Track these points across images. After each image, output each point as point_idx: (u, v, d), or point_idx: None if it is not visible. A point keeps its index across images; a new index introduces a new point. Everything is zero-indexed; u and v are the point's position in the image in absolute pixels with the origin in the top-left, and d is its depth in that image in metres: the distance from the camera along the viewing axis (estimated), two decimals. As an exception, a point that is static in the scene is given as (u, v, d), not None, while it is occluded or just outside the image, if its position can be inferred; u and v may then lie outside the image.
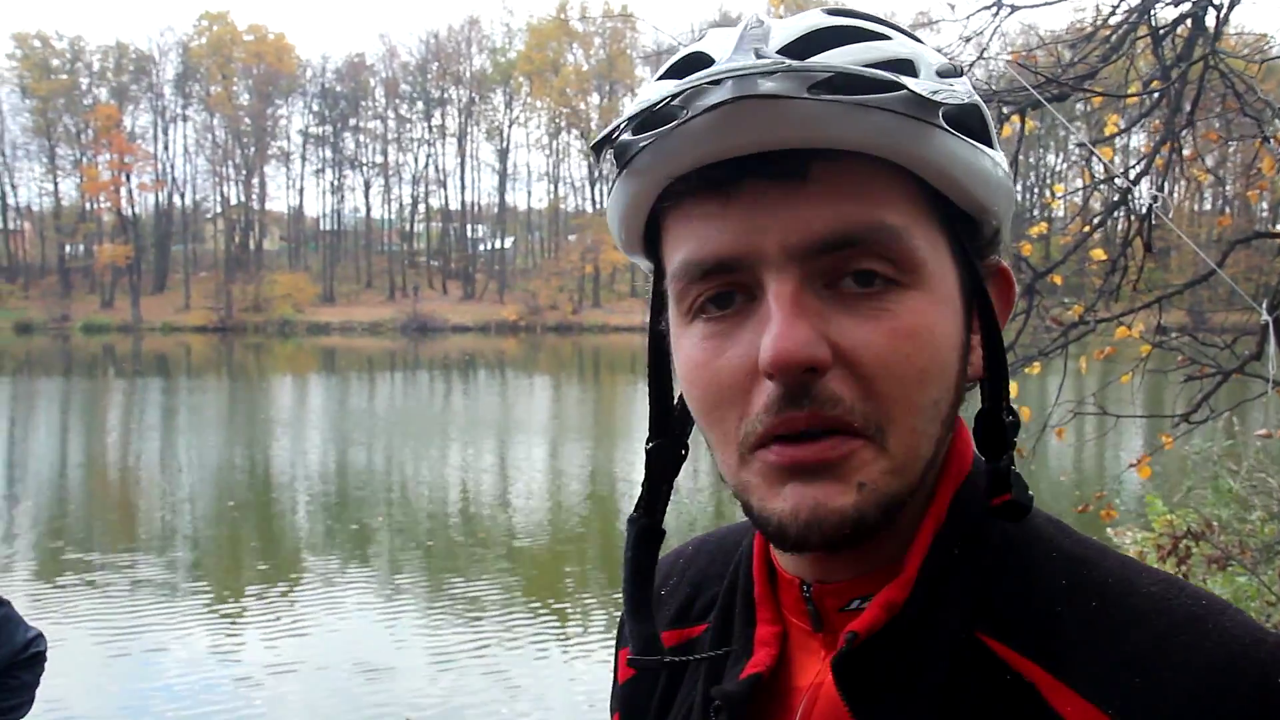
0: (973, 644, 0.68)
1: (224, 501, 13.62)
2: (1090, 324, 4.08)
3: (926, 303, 0.67)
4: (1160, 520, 6.42)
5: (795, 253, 0.65)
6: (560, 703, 6.61)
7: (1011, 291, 0.77)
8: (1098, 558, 0.71)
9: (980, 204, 0.70)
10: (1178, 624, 0.65)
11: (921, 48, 0.69)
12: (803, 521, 0.65)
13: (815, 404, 0.64)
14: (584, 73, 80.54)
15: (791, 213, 0.64)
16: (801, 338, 0.63)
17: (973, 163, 0.68)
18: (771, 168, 0.64)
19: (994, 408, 0.72)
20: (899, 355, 0.65)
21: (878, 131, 0.63)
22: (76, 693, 6.61)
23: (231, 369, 40.82)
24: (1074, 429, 4.88)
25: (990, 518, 0.72)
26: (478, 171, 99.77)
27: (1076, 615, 0.67)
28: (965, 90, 0.68)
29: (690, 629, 0.87)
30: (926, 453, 0.68)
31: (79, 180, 77.35)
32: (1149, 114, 4.05)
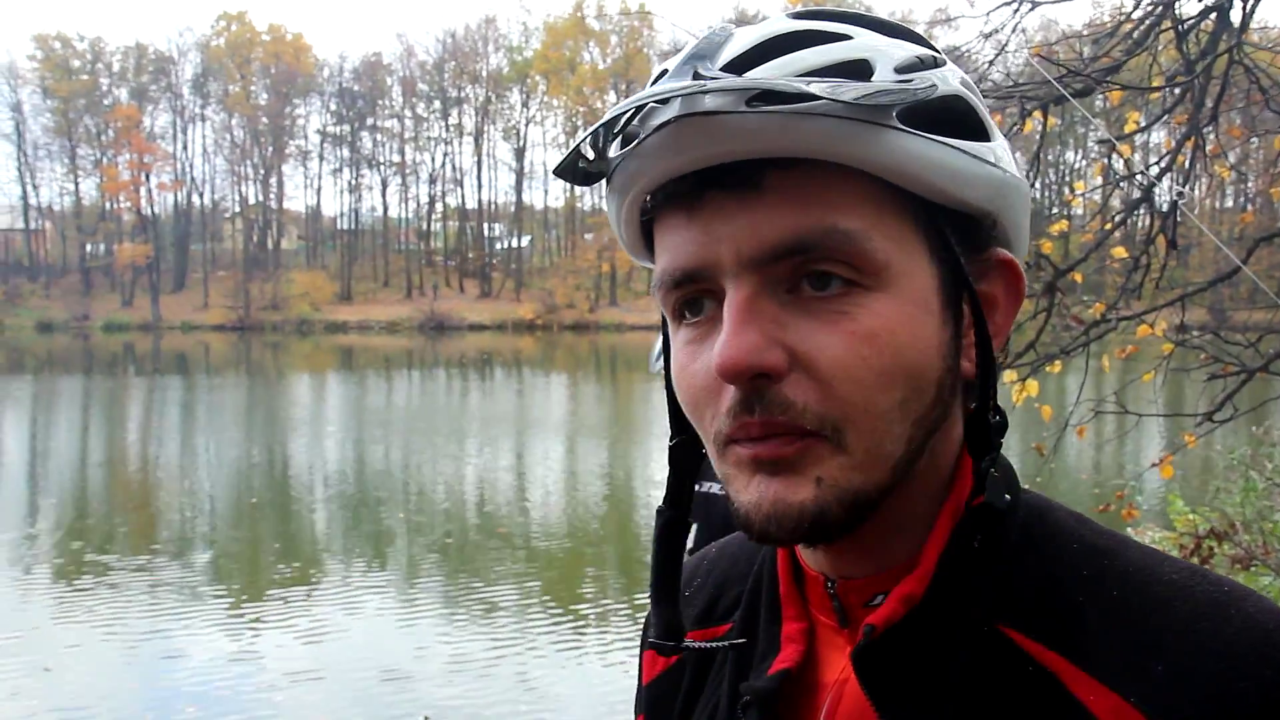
0: (994, 635, 0.69)
1: (243, 501, 13.68)
2: (1112, 322, 4.04)
3: (889, 305, 0.67)
4: (1182, 519, 6.38)
5: (749, 261, 0.66)
6: (580, 705, 6.60)
7: (1019, 284, 0.75)
8: (1119, 548, 0.71)
9: (955, 199, 0.69)
10: (1200, 610, 0.66)
11: (886, 44, 0.69)
12: (764, 514, 0.67)
13: (767, 409, 0.66)
14: (601, 71, 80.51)
15: (746, 222, 0.66)
16: (747, 345, 0.65)
17: (936, 159, 0.67)
18: (730, 179, 0.66)
19: (981, 408, 0.72)
20: (856, 358, 0.66)
21: (818, 138, 0.64)
22: (96, 693, 6.65)
23: (250, 367, 41.00)
24: (1094, 428, 4.83)
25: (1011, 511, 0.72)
26: (494, 170, 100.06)
27: (1098, 604, 0.68)
28: (932, 83, 0.68)
29: (714, 629, 0.88)
30: (894, 451, 0.68)
31: (99, 180, 77.91)
32: (1172, 109, 4.00)
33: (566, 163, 0.72)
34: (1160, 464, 4.72)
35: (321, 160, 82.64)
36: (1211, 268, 24.00)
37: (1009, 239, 0.75)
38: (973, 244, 0.72)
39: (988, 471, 0.71)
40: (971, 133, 0.70)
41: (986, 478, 0.71)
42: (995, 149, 0.72)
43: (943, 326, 0.70)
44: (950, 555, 0.71)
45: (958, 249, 0.71)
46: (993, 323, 0.74)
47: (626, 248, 0.78)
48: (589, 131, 0.70)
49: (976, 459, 0.72)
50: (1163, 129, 4.52)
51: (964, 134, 0.70)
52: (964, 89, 0.71)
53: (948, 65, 0.72)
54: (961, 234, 0.71)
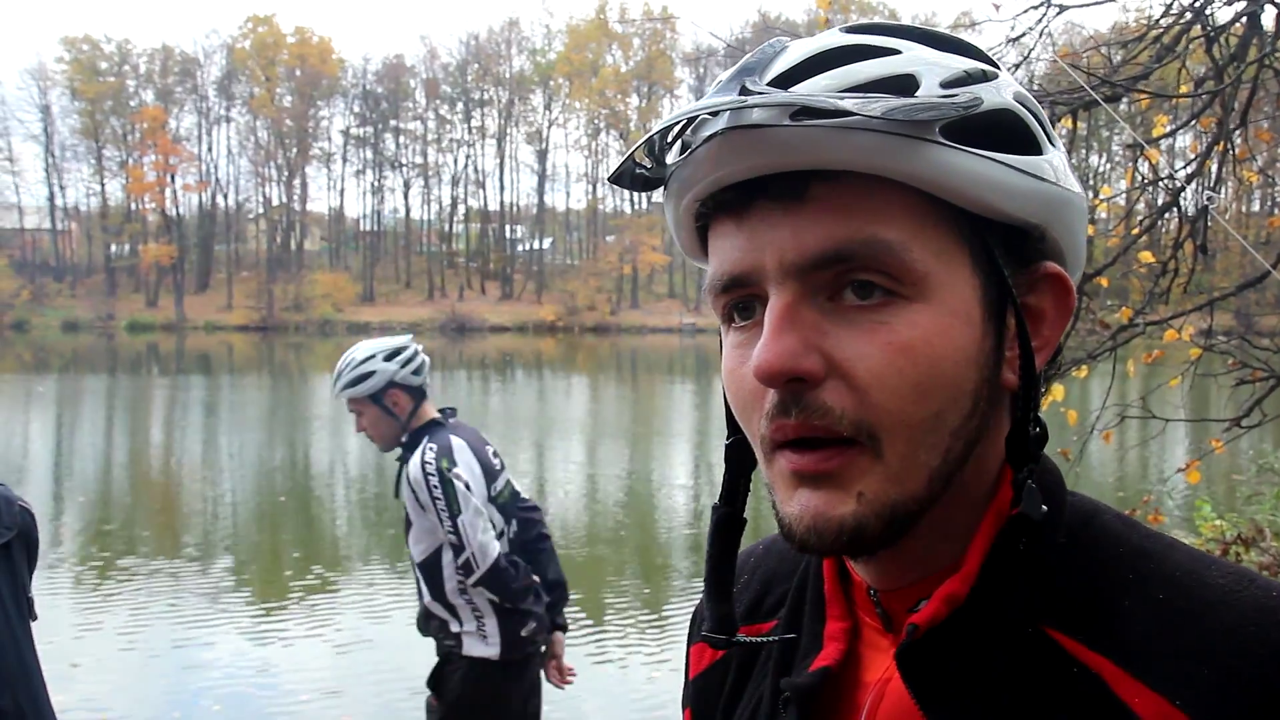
0: (1039, 637, 0.70)
1: (268, 502, 13.77)
2: (1139, 327, 4.04)
3: (929, 316, 0.68)
4: (1208, 526, 6.34)
5: (792, 269, 0.68)
6: (601, 708, 6.62)
7: (1069, 298, 0.75)
8: (1166, 551, 0.72)
9: (1000, 212, 0.70)
10: (1247, 615, 0.65)
11: (934, 58, 0.71)
12: (805, 527, 0.69)
13: (804, 413, 0.68)
14: (623, 74, 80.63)
15: (789, 231, 0.68)
16: (784, 349, 0.67)
17: (978, 173, 0.68)
18: (776, 189, 0.68)
19: (1021, 420, 0.73)
20: (892, 369, 0.67)
21: (861, 151, 0.66)
22: (123, 690, 6.71)
23: (273, 368, 41.24)
24: (1120, 433, 4.83)
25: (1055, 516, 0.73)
26: (517, 172, 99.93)
27: (1144, 608, 0.68)
28: (978, 97, 0.69)
29: (760, 624, 0.90)
30: (930, 462, 0.69)
31: (125, 181, 78.55)
32: (1200, 114, 3.99)
33: (622, 169, 0.74)
34: (1186, 469, 4.71)
35: (345, 162, 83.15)
36: (1238, 272, 23.81)
37: (1060, 252, 0.75)
38: (1020, 257, 0.73)
39: (1024, 483, 0.71)
40: (1021, 146, 0.71)
41: (1024, 489, 0.71)
42: (1050, 161, 0.72)
43: (984, 338, 0.71)
44: (994, 559, 0.72)
45: (1003, 261, 0.71)
46: (1039, 336, 0.74)
47: (683, 249, 0.80)
48: (643, 139, 0.72)
49: (1015, 470, 0.73)
50: (1189, 133, 4.51)
51: (1012, 147, 0.70)
52: (1016, 102, 0.71)
53: (1000, 78, 0.72)
54: (1008, 247, 0.72)
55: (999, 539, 0.72)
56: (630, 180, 0.75)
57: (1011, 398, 0.74)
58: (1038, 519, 0.71)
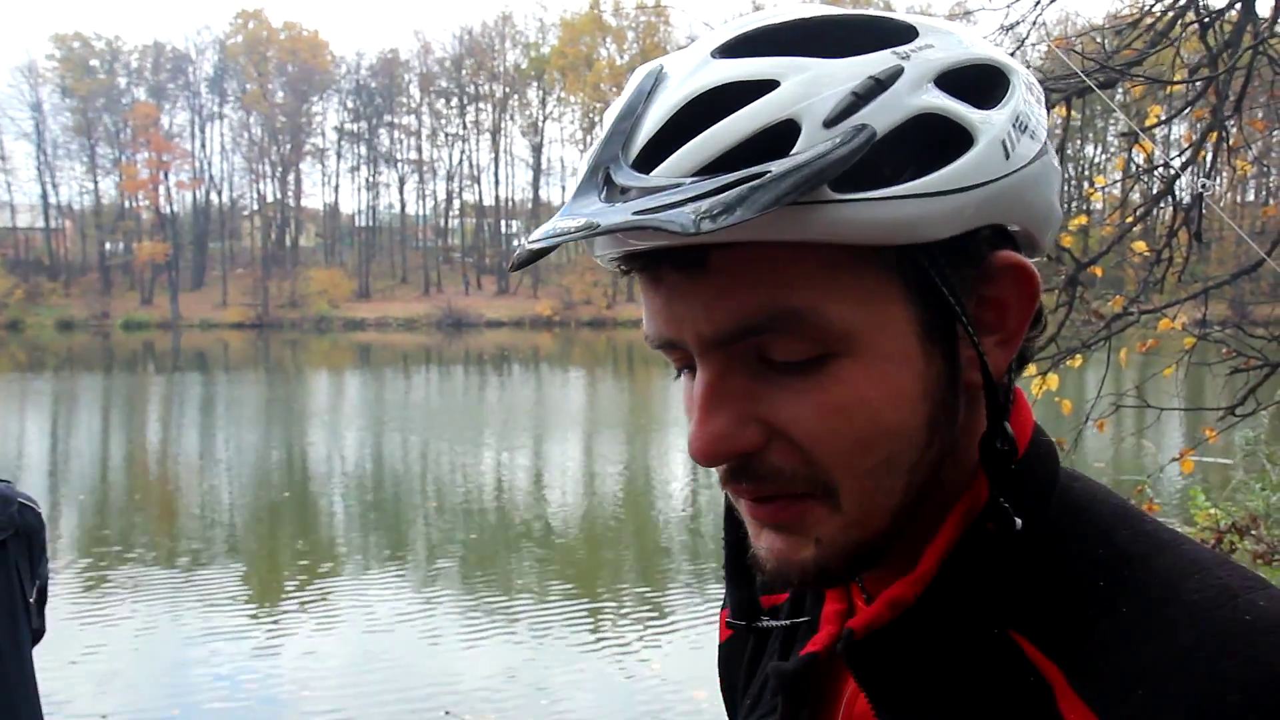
0: (1002, 640, 0.67)
1: (265, 499, 13.77)
2: (1134, 316, 4.03)
3: (859, 369, 0.64)
4: (1203, 514, 6.35)
5: (708, 343, 0.65)
6: (600, 700, 6.62)
7: (1028, 286, 0.68)
8: (1151, 555, 0.66)
9: (925, 238, 0.62)
10: (1205, 639, 0.59)
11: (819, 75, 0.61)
12: (771, 569, 0.69)
13: (753, 480, 0.66)
14: (618, 67, 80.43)
15: (698, 304, 0.64)
16: (716, 432, 0.65)
17: (888, 219, 0.60)
18: (678, 257, 0.63)
19: (989, 434, 0.67)
20: (829, 430, 0.64)
21: (746, 229, 0.57)
22: (121, 688, 6.71)
23: (269, 365, 41.19)
24: (1115, 422, 4.83)
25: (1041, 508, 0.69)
26: (512, 167, 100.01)
27: (1106, 619, 0.64)
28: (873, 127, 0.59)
29: (778, 595, 0.90)
30: (889, 502, 0.67)
31: (118, 179, 78.34)
32: (1194, 102, 3.99)
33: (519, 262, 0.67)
34: (1181, 458, 4.71)
35: (339, 158, 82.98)
36: (1233, 262, 23.83)
37: (1026, 232, 0.68)
38: (965, 258, 0.65)
39: (996, 504, 0.67)
40: (942, 150, 0.62)
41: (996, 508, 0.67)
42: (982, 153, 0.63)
43: (927, 369, 0.65)
44: (957, 557, 0.69)
45: (943, 274, 0.64)
46: (1004, 327, 0.68)
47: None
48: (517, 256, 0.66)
49: (991, 485, 0.68)
50: (1183, 122, 4.50)
51: (929, 159, 0.62)
52: (936, 90, 0.63)
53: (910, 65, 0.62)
54: (949, 253, 0.64)
55: (967, 535, 0.69)
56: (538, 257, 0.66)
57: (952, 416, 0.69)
58: (1011, 536, 0.67)
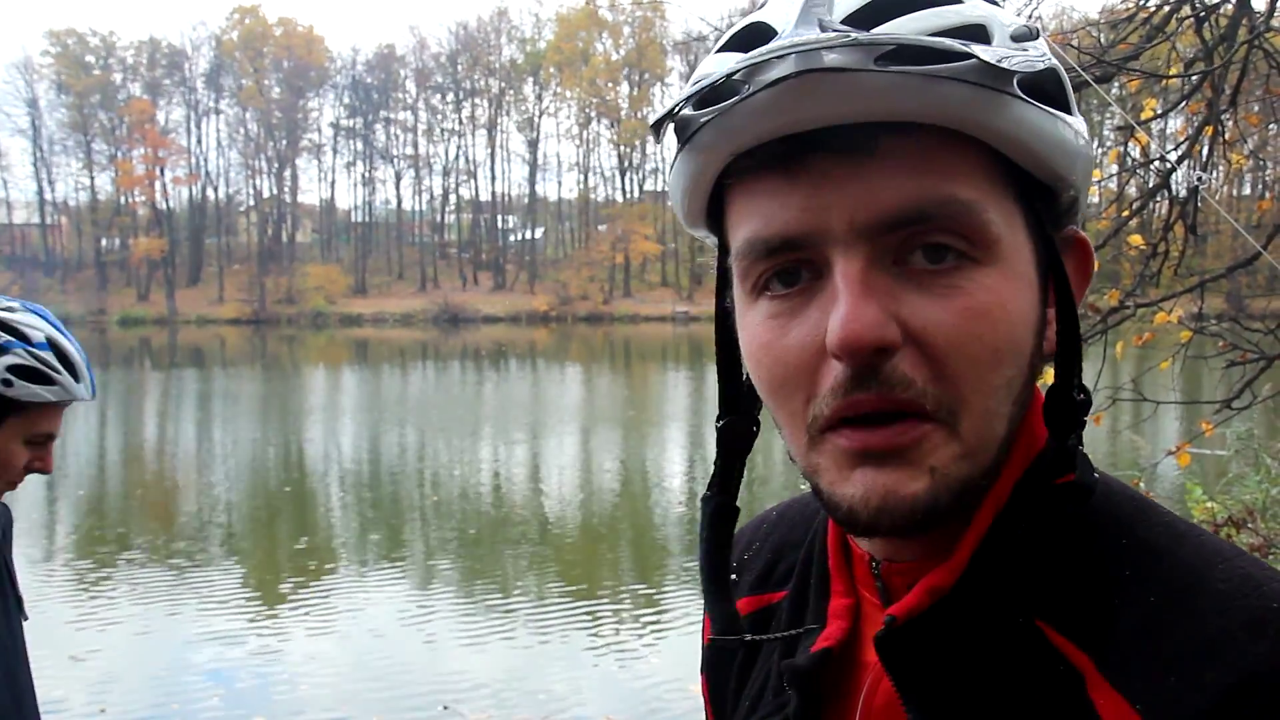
0: (1030, 630, 0.67)
1: (263, 493, 13.76)
2: (1130, 309, 4.04)
3: (1001, 279, 0.64)
4: (1199, 508, 6.36)
5: (863, 230, 0.63)
6: (596, 692, 6.63)
7: (1089, 262, 0.74)
8: (1174, 546, 0.67)
9: (1058, 174, 0.67)
10: (1234, 627, 0.60)
11: (995, 10, 0.66)
12: (874, 508, 0.64)
13: (884, 386, 0.63)
14: (613, 62, 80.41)
15: (859, 188, 0.63)
16: (870, 319, 0.61)
17: (1050, 132, 0.65)
18: (839, 142, 0.62)
19: (1064, 384, 0.69)
20: (971, 335, 0.63)
21: (949, 103, 0.61)
22: (121, 681, 6.71)
23: (266, 361, 41.16)
24: (1111, 416, 4.84)
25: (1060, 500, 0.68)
26: (508, 162, 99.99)
27: (1134, 609, 0.64)
28: (1041, 54, 0.65)
29: (771, 594, 0.88)
30: (999, 433, 0.66)
31: (114, 175, 78.35)
32: (1190, 96, 3.99)
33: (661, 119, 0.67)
34: (1177, 451, 4.71)
35: (335, 153, 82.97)
36: (1229, 255, 23.85)
37: (1079, 216, 0.74)
38: (1054, 220, 0.70)
39: (1076, 450, 0.68)
40: (1064, 107, 0.67)
41: (1077, 456, 0.68)
42: (1078, 124, 0.69)
43: (1038, 304, 0.68)
44: (990, 545, 0.68)
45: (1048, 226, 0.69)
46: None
47: (686, 215, 0.74)
48: (700, 86, 0.64)
49: (1059, 437, 0.69)
50: (1178, 117, 4.51)
51: (1060, 108, 0.67)
52: (1056, 62, 0.68)
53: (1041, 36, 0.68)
54: (1048, 210, 0.69)
55: (998, 522, 0.69)
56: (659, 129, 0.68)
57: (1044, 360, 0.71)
58: (1091, 485, 0.67)
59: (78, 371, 2.04)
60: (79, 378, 2.04)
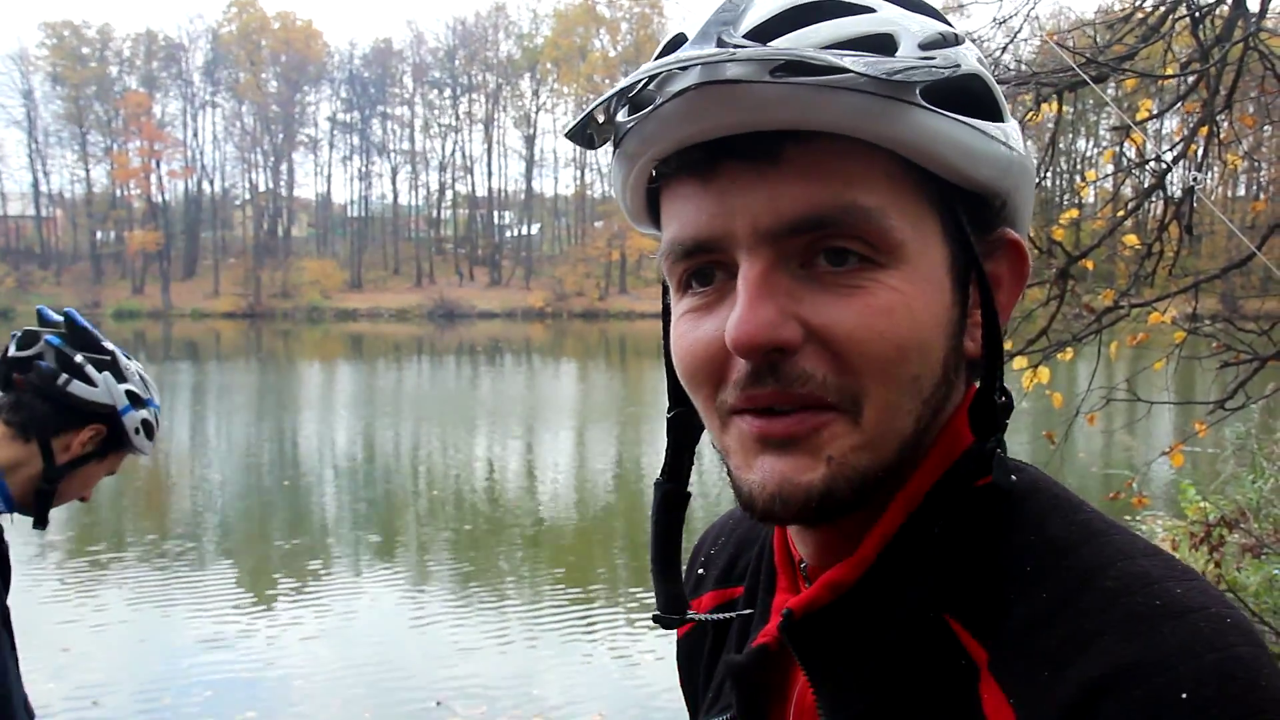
0: (938, 624, 0.67)
1: (257, 489, 13.75)
2: (1124, 309, 4.04)
3: (904, 281, 0.66)
4: (1193, 508, 6.37)
5: (765, 234, 0.65)
6: (590, 689, 6.63)
7: (1024, 265, 0.75)
8: (1079, 544, 0.66)
9: (972, 179, 0.69)
10: (1113, 622, 0.61)
11: (910, 19, 0.68)
12: (769, 494, 0.67)
13: (782, 381, 0.66)
14: (611, 59, 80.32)
15: (762, 195, 0.65)
16: (762, 319, 0.64)
17: (957, 138, 0.67)
18: (747, 150, 0.65)
19: (987, 388, 0.71)
20: (872, 331, 0.65)
21: (843, 112, 0.63)
22: (114, 675, 6.70)
23: (261, 355, 41.11)
24: (1105, 416, 4.84)
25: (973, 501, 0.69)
26: (505, 158, 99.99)
27: (1027, 605, 0.65)
28: (956, 61, 0.67)
29: (732, 590, 0.90)
30: (904, 428, 0.68)
31: (110, 167, 78.13)
32: (1185, 96, 3.99)
33: (578, 127, 0.70)
34: (1171, 452, 4.72)
35: (332, 148, 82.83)
36: (1223, 256, 23.84)
37: (1015, 219, 0.74)
38: (982, 224, 0.71)
39: (994, 452, 0.69)
40: (987, 112, 0.69)
41: (994, 458, 0.69)
42: (1007, 129, 0.71)
43: (951, 305, 0.69)
44: (901, 541, 0.69)
45: (968, 229, 0.70)
46: (996, 302, 0.72)
47: (629, 214, 0.77)
48: (605, 96, 0.68)
49: (981, 439, 0.70)
50: (1174, 117, 4.51)
51: (981, 113, 0.69)
52: (981, 68, 0.70)
53: (966, 43, 0.71)
54: (972, 214, 0.70)
55: (914, 518, 0.70)
56: (583, 137, 0.71)
57: (970, 366, 0.73)
58: (1008, 488, 0.69)
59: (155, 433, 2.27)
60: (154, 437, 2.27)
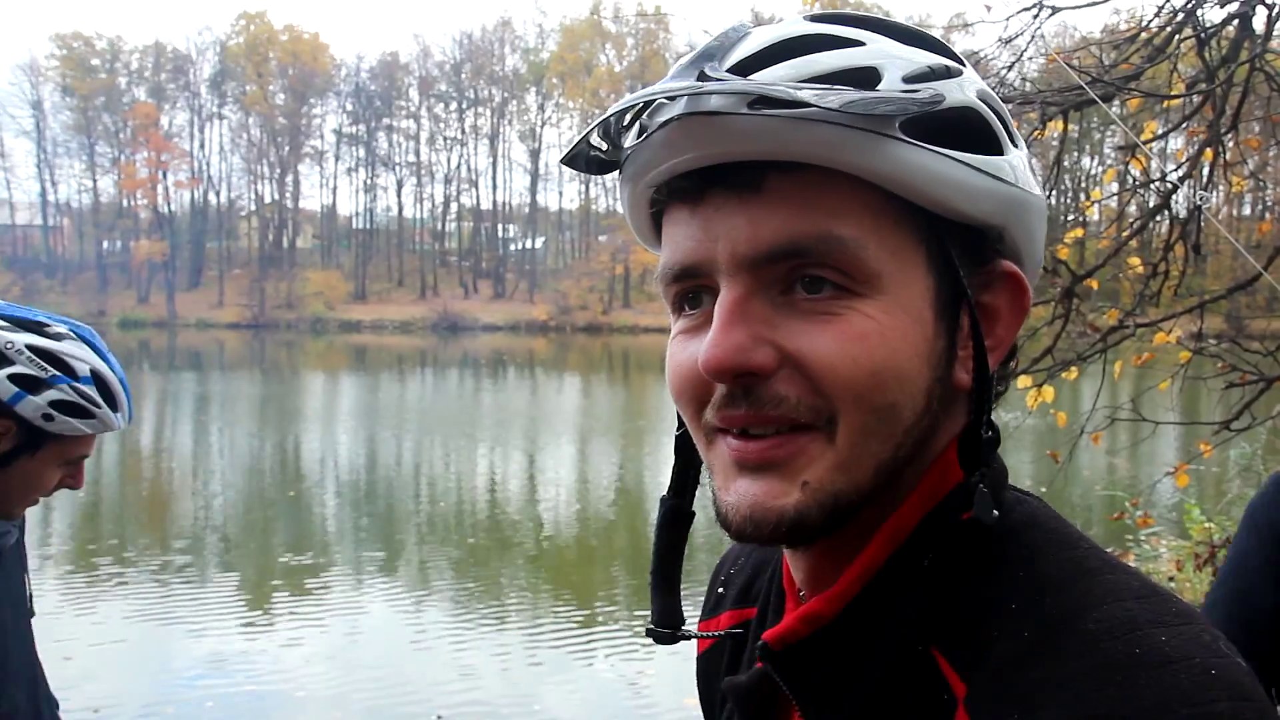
0: (924, 657, 0.67)
1: (260, 498, 13.73)
2: (1130, 329, 4.04)
3: (881, 311, 0.67)
4: (1198, 528, 6.36)
5: (744, 261, 0.67)
6: (590, 704, 6.61)
7: (1023, 297, 0.74)
8: (1068, 583, 0.66)
9: (958, 213, 0.68)
10: (1091, 668, 0.60)
11: (898, 51, 0.69)
12: (742, 516, 0.68)
13: (755, 404, 0.67)
14: (617, 74, 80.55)
15: (744, 223, 0.67)
16: (730, 345, 0.66)
17: (937, 172, 0.67)
18: (732, 179, 0.67)
19: (974, 422, 0.70)
20: (846, 356, 0.66)
21: (818, 144, 0.64)
22: (117, 685, 6.69)
23: (265, 365, 41.13)
24: (1109, 435, 4.83)
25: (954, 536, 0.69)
26: (510, 171, 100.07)
27: (1009, 643, 0.64)
28: (940, 94, 0.67)
29: (748, 610, 0.90)
30: (880, 453, 0.68)
31: (117, 177, 78.47)
32: (1191, 116, 4.00)
33: (575, 151, 0.73)
34: (1176, 472, 4.71)
35: (337, 160, 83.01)
36: (1229, 276, 23.82)
37: (1018, 252, 0.73)
38: (976, 255, 0.71)
39: (976, 487, 0.69)
40: (983, 145, 0.69)
41: (975, 493, 0.68)
42: (1010, 162, 0.70)
43: (935, 337, 0.69)
44: (886, 573, 0.70)
45: (959, 260, 0.70)
46: (993, 335, 0.72)
47: (637, 234, 0.79)
48: (597, 121, 0.70)
49: (967, 473, 0.70)
50: (1179, 137, 4.52)
51: (974, 146, 0.69)
52: (980, 101, 0.70)
53: (965, 75, 0.70)
54: (964, 245, 0.70)
55: (902, 550, 0.70)
56: (585, 163, 0.73)
57: (964, 397, 0.72)
58: (989, 523, 0.68)
59: (117, 402, 2.09)
60: (117, 408, 2.09)
